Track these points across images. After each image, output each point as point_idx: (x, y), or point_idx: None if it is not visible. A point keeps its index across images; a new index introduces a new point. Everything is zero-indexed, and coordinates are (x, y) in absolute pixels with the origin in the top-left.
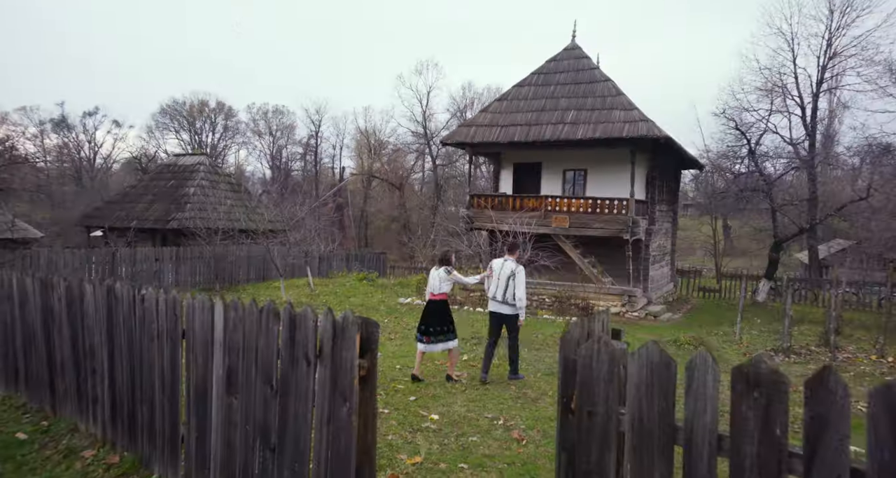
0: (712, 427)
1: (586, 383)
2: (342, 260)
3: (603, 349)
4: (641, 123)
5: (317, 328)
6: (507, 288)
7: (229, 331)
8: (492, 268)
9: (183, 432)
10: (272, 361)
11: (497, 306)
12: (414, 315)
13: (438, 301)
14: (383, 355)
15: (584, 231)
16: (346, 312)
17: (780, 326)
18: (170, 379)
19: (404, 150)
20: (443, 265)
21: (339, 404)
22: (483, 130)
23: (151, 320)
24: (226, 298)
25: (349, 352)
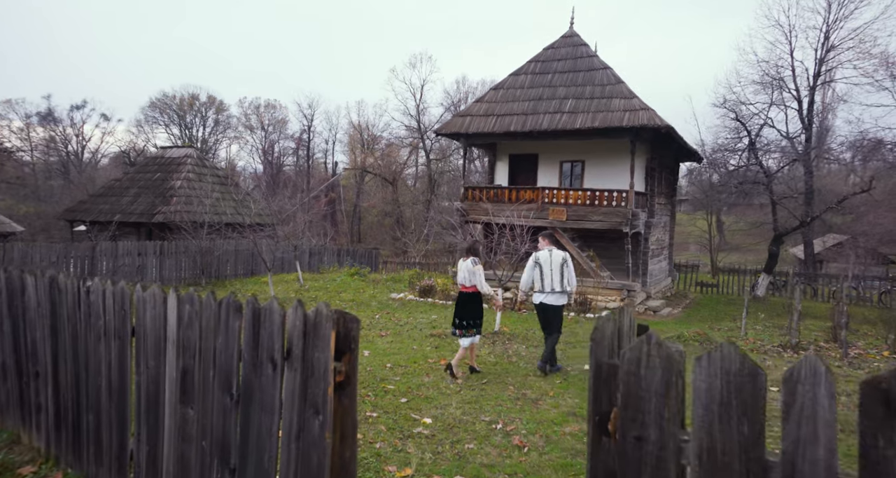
0: (828, 464)
1: (632, 398)
2: (333, 255)
3: (655, 352)
4: (642, 111)
5: (285, 325)
6: (562, 276)
7: (183, 328)
8: (539, 263)
9: (132, 447)
10: (232, 364)
11: (552, 298)
12: (407, 310)
13: (469, 294)
14: (373, 353)
15: (583, 224)
16: (318, 305)
17: (784, 321)
18: (118, 384)
19: (398, 144)
20: (470, 256)
21: (311, 416)
22: (478, 120)
23: (98, 316)
24: (211, 293)
25: (322, 353)
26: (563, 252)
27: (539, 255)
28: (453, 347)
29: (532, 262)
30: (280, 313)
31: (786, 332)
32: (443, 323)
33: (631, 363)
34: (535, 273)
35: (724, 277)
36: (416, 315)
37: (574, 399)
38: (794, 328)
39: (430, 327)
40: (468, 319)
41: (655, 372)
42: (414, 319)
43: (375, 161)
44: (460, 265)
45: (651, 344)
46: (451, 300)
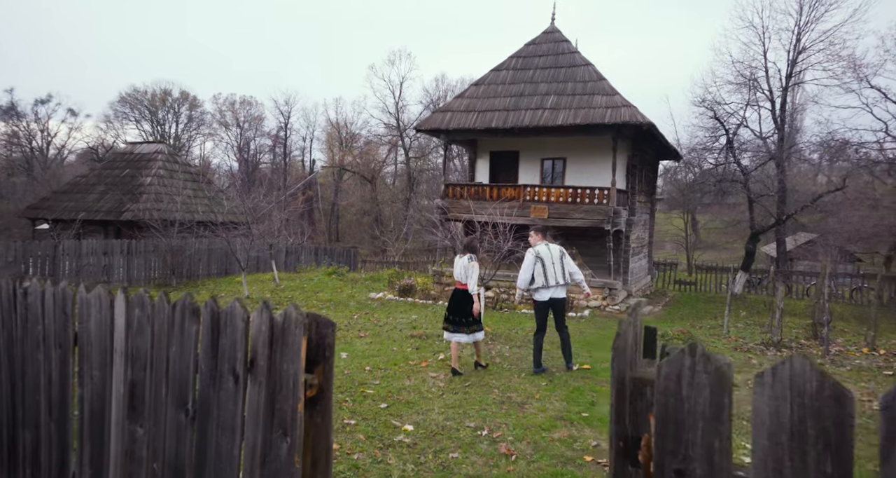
0: None
1: (671, 423)
2: (311, 254)
3: (702, 366)
4: (624, 108)
5: (248, 331)
6: (563, 268)
7: (133, 335)
8: (541, 257)
9: (74, 469)
10: (188, 376)
11: (555, 292)
12: (386, 310)
13: (465, 291)
14: (351, 355)
15: (564, 222)
16: (287, 308)
17: (764, 318)
18: (59, 398)
19: (376, 142)
20: (468, 252)
21: (278, 437)
22: (459, 116)
23: (36, 321)
24: (164, 294)
25: (291, 364)
26: (559, 245)
27: (538, 249)
28: (434, 349)
29: (532, 258)
30: (243, 318)
31: (766, 329)
32: (423, 323)
33: (669, 380)
34: (537, 269)
35: (701, 275)
36: (396, 315)
37: (561, 402)
38: (776, 326)
39: (411, 328)
40: (464, 316)
41: (702, 391)
42: (394, 320)
43: (354, 159)
44: (457, 261)
45: (696, 356)
46: (432, 299)
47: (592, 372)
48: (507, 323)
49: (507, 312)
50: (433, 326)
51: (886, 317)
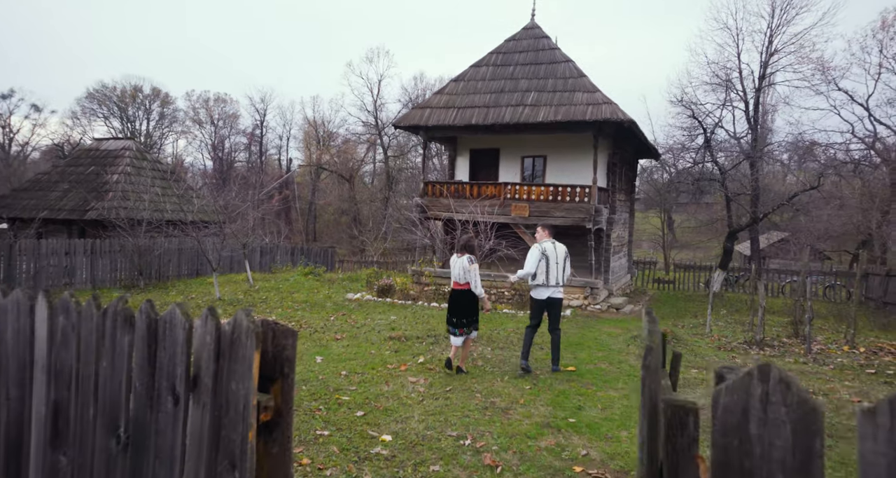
0: None
1: (733, 473)
2: (287, 253)
3: (779, 396)
4: (605, 105)
5: (191, 342)
6: (565, 270)
7: (57, 347)
8: (546, 255)
9: None
10: (120, 396)
11: (554, 292)
12: (364, 311)
13: (463, 291)
14: (326, 359)
15: (545, 220)
16: (238, 314)
17: (744, 316)
18: None
19: (354, 141)
20: (465, 253)
21: (224, 470)
22: (438, 113)
23: None
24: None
25: (242, 383)
26: (563, 245)
27: (545, 246)
28: (414, 351)
29: (538, 253)
30: (184, 326)
31: (748, 328)
32: (402, 325)
33: (731, 413)
34: (541, 266)
35: (679, 273)
36: (375, 316)
37: (546, 407)
38: (758, 325)
39: (390, 329)
40: (467, 316)
41: (780, 431)
42: (372, 321)
43: (331, 158)
44: (454, 262)
45: (771, 381)
46: (411, 300)
47: (577, 374)
48: (488, 324)
49: (489, 313)
50: (413, 328)
51: (863, 314)
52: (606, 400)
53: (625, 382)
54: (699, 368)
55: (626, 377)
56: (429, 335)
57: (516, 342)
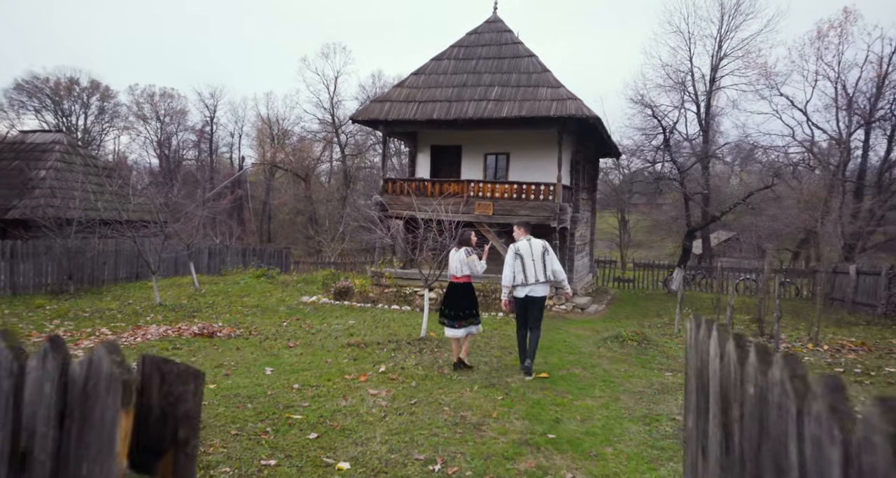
0: None
1: None
2: (238, 255)
3: None
4: (570, 101)
5: (22, 393)
6: (545, 266)
7: None
8: (520, 254)
9: None
10: None
11: (535, 289)
12: (320, 316)
13: (461, 284)
14: (277, 371)
15: (509, 218)
16: (98, 350)
17: (709, 315)
18: None
19: (310, 139)
20: (462, 246)
21: None
22: (399, 107)
23: None
24: None
25: (98, 463)
26: (542, 240)
27: (518, 245)
28: (375, 359)
29: (512, 253)
30: (10, 368)
31: None
32: (362, 329)
33: None
34: (516, 265)
35: (639, 272)
36: (331, 321)
37: (522, 421)
38: (727, 324)
39: (348, 335)
40: (465, 309)
41: None
42: (328, 326)
43: (287, 156)
44: (451, 256)
45: None
46: (370, 302)
47: (551, 381)
48: None
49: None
50: (373, 333)
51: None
52: (585, 410)
53: (601, 389)
54: (673, 370)
55: (602, 384)
56: (390, 341)
57: (483, 347)
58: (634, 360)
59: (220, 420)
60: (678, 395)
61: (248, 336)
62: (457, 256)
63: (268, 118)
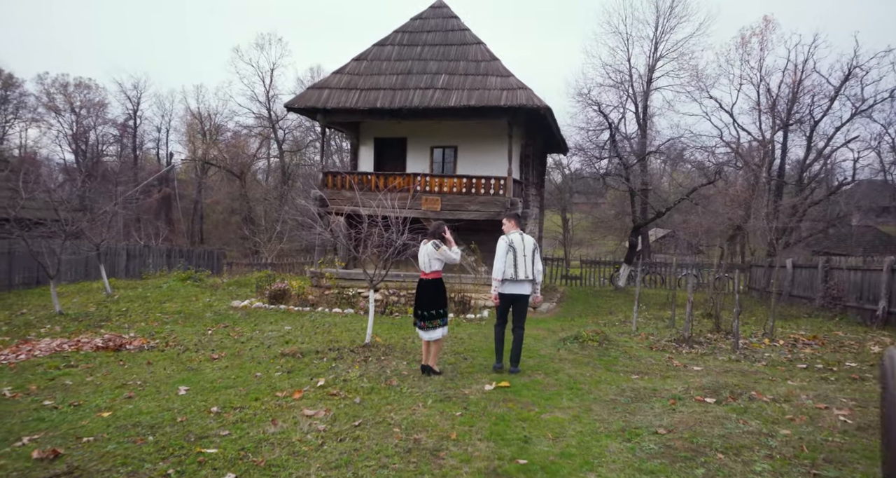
0: None
1: None
2: (162, 256)
3: None
4: (520, 90)
5: None
6: (533, 264)
7: None
8: (513, 247)
9: None
10: None
11: (520, 287)
12: (252, 322)
13: (429, 280)
14: (193, 390)
15: (459, 214)
16: None
17: (662, 312)
18: None
19: (245, 134)
20: (432, 239)
21: None
22: (339, 94)
23: None
24: None
25: None
26: (532, 237)
27: (512, 238)
28: (312, 371)
29: (505, 245)
30: None
31: (669, 324)
32: (299, 337)
33: None
34: (508, 259)
35: (586, 269)
36: (265, 327)
37: (486, 443)
38: (686, 321)
39: (283, 343)
40: (433, 308)
41: None
42: (261, 334)
43: (220, 153)
44: (421, 249)
45: None
46: (309, 306)
47: (513, 391)
48: (400, 331)
49: (399, 318)
50: (311, 340)
51: (755, 305)
52: (555, 426)
53: (569, 398)
54: (640, 373)
55: (570, 392)
56: (331, 349)
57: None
58: (598, 362)
59: (107, 462)
60: (654, 402)
61: (165, 348)
62: (424, 250)
63: (198, 112)
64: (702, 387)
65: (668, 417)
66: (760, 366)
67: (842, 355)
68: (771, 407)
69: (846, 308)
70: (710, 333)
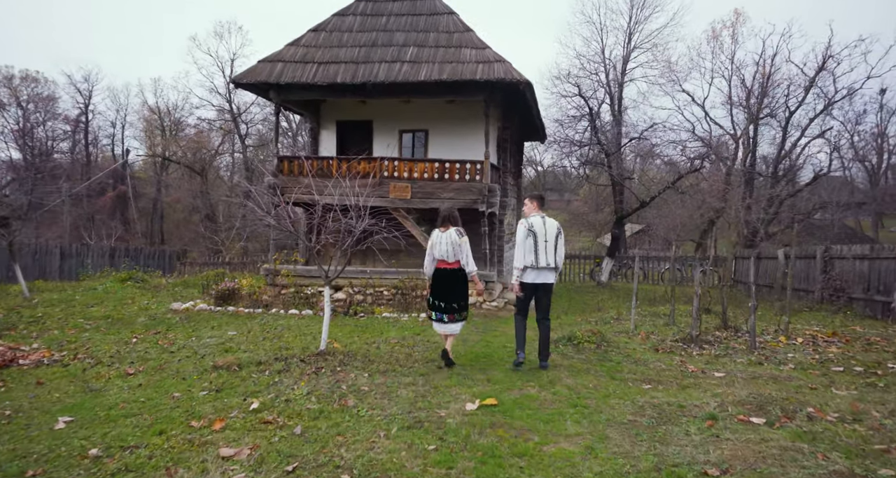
0: None
1: None
2: (104, 256)
3: None
4: (497, 63)
5: None
6: (556, 250)
7: None
8: (534, 231)
9: None
10: None
11: (543, 275)
12: (191, 327)
13: (454, 270)
14: (82, 419)
15: (431, 203)
16: None
17: (658, 308)
18: None
19: (206, 129)
20: (450, 225)
21: None
22: (293, 68)
23: None
24: None
25: None
26: (555, 220)
27: (532, 221)
28: (248, 388)
29: (525, 230)
30: None
31: (669, 321)
32: (243, 344)
33: None
34: (528, 245)
35: (563, 264)
36: (204, 333)
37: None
38: (695, 318)
39: (220, 353)
40: (457, 300)
41: None
42: (197, 341)
43: (180, 149)
44: (440, 238)
45: None
46: (262, 307)
47: (502, 411)
48: (364, 334)
49: (365, 319)
50: (256, 348)
51: (740, 298)
52: (564, 464)
53: (575, 420)
54: (653, 381)
55: (573, 410)
56: (278, 358)
57: (404, 361)
58: (600, 369)
59: None
60: (686, 424)
61: (71, 362)
62: (446, 238)
63: (157, 107)
64: (740, 401)
65: (714, 448)
66: (789, 369)
67: (878, 355)
68: (842, 430)
69: (851, 300)
70: (718, 330)
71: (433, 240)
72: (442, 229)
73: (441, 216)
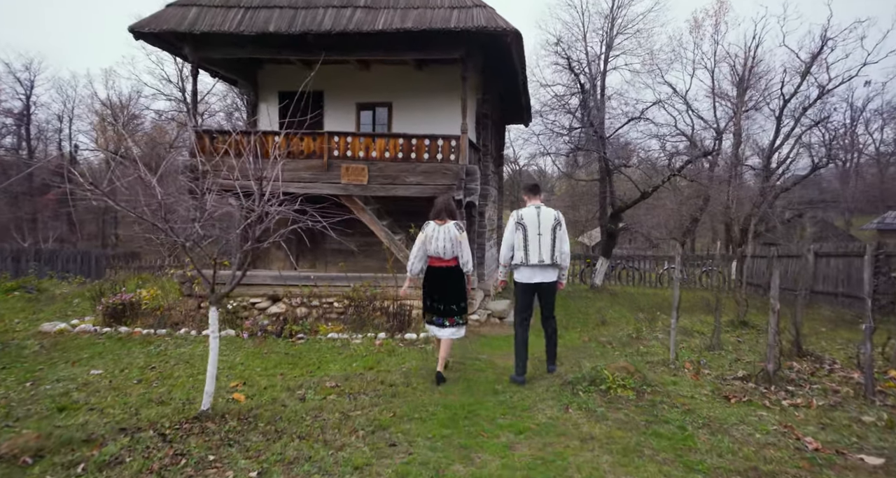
0: None
1: None
2: (4, 261)
3: None
4: (477, 9)
5: None
6: (554, 244)
7: None
8: (522, 224)
9: None
10: None
11: (540, 273)
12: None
13: (452, 268)
14: None
15: (394, 190)
16: None
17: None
18: None
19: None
20: (448, 218)
21: None
22: (213, 14)
23: None
24: None
25: None
26: (556, 210)
27: (523, 212)
28: None
29: (513, 223)
30: None
31: (713, 343)
32: (102, 390)
33: None
34: (517, 239)
35: None
36: (53, 372)
37: None
38: (771, 345)
39: (53, 412)
40: (457, 301)
41: None
42: (32, 386)
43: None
44: (435, 231)
45: None
46: (169, 326)
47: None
48: (293, 369)
49: (303, 343)
50: (118, 399)
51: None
52: None
53: None
54: (763, 476)
55: None
56: (126, 429)
57: (334, 432)
58: (653, 443)
59: None
60: None
61: None
62: (443, 233)
63: (108, 99)
64: None
65: None
66: None
67: None
68: None
69: None
70: (791, 358)
71: (428, 234)
72: (439, 222)
73: (437, 208)
